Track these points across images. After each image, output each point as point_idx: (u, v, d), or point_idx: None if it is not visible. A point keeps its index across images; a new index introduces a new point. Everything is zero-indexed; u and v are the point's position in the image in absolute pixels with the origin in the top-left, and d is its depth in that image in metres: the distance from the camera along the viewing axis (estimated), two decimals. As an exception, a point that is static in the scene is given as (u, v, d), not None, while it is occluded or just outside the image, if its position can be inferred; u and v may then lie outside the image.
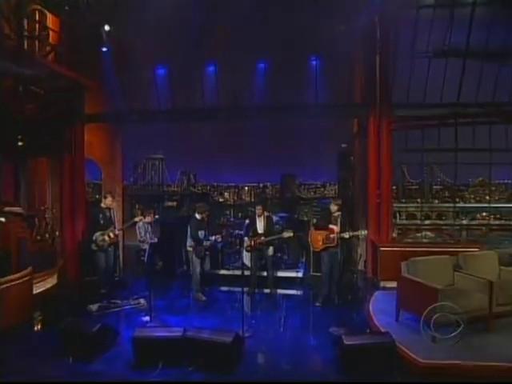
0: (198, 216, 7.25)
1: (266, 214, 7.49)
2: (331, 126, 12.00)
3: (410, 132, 9.48)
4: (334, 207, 6.80)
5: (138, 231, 8.05)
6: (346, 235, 6.57)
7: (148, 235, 8.05)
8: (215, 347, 4.45)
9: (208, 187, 15.17)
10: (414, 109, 8.69)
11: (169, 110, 9.95)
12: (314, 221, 7.95)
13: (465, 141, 9.54)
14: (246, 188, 15.02)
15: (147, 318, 5.90)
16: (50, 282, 7.06)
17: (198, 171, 15.37)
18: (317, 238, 6.82)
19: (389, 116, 8.52)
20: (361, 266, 8.73)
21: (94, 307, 6.38)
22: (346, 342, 4.33)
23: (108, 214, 7.24)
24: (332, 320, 5.87)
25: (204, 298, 7.08)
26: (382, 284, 7.65)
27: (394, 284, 6.81)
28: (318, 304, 6.76)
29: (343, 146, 11.90)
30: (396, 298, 5.58)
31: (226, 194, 14.84)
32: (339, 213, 6.75)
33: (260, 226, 7.41)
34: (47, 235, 7.16)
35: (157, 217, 8.18)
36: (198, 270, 7.15)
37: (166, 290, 7.44)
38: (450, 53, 8.76)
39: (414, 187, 10.43)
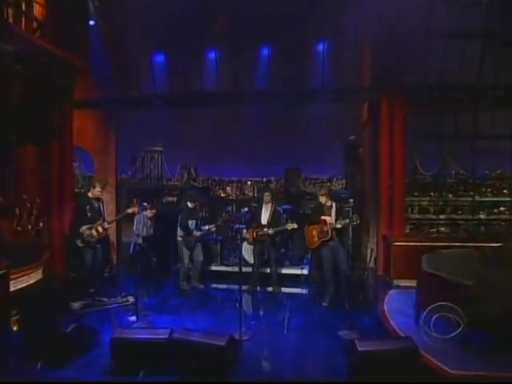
0: (189, 204, 7.00)
1: (273, 203, 6.97)
2: (338, 117, 11.40)
3: (422, 122, 8.81)
4: (322, 198, 6.36)
5: (135, 222, 7.53)
6: (338, 225, 6.05)
7: (145, 229, 7.51)
8: (206, 352, 3.87)
9: (209, 181, 14.58)
10: (430, 93, 7.98)
11: (165, 94, 9.37)
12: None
13: (483, 131, 8.88)
14: (249, 182, 14.39)
15: (134, 318, 5.35)
16: (34, 277, 6.40)
17: (199, 165, 14.76)
18: (312, 234, 6.33)
19: (402, 100, 7.86)
20: (371, 263, 8.08)
21: (76, 305, 5.80)
22: (359, 348, 3.70)
23: (96, 205, 6.69)
24: (341, 322, 5.25)
25: (187, 287, 6.94)
26: (395, 282, 7.05)
27: (408, 282, 6.36)
28: (324, 304, 6.18)
29: (351, 138, 11.32)
30: (416, 298, 4.93)
31: (228, 188, 14.22)
32: (331, 202, 6.29)
33: (265, 217, 6.86)
34: (30, 226, 6.56)
35: (146, 213, 7.56)
36: (186, 261, 6.97)
37: (158, 288, 6.89)
38: (468, 34, 8.10)
39: (427, 180, 9.71)
